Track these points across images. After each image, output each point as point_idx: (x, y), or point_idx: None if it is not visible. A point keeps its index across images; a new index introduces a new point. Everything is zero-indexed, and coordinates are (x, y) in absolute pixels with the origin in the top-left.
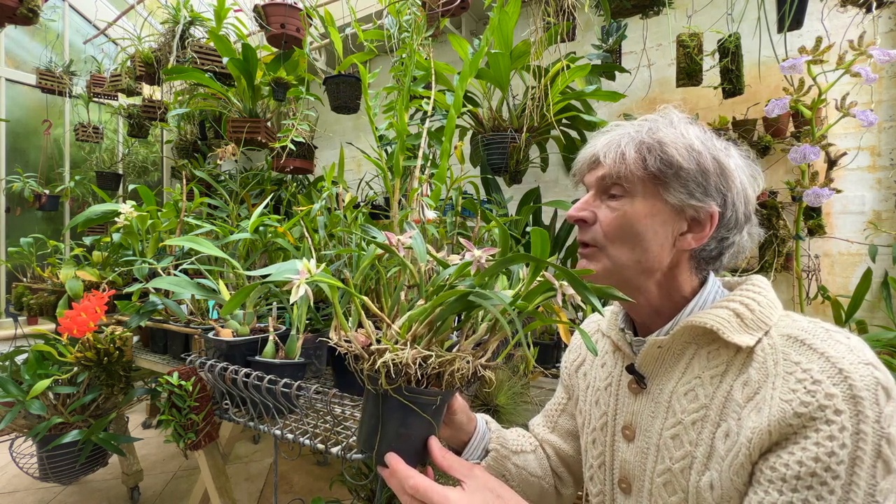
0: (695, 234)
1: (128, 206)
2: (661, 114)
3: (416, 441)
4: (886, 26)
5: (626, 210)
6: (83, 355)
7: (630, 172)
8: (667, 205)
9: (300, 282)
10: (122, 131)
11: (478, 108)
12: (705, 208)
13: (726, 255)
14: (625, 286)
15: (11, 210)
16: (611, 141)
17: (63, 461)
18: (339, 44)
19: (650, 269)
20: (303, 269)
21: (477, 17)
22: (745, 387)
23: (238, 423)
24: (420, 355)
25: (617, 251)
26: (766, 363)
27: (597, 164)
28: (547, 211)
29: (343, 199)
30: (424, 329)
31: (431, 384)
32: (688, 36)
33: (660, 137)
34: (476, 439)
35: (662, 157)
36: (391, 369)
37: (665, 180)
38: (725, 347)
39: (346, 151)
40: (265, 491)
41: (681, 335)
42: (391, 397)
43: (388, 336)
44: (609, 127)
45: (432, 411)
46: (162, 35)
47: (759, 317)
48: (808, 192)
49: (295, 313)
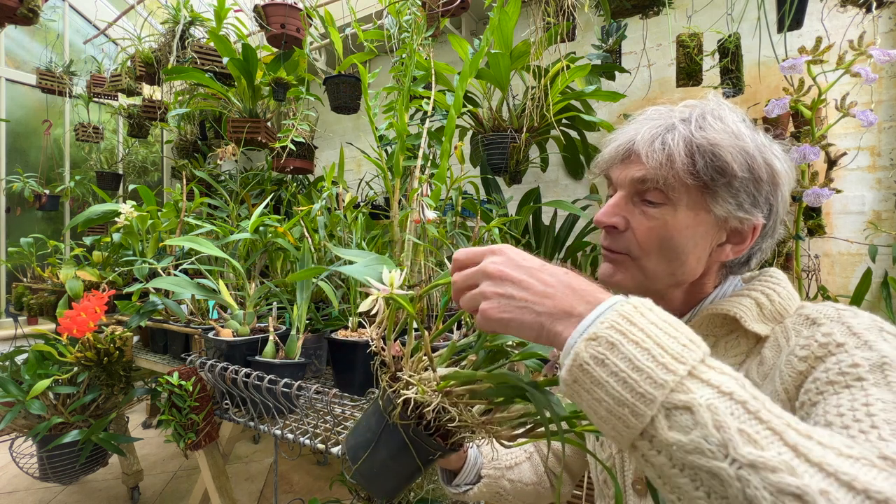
0: (734, 245)
1: (128, 206)
2: (703, 101)
3: (398, 476)
4: (886, 26)
5: (666, 221)
6: (83, 355)
7: (677, 178)
8: (711, 215)
9: (378, 295)
10: (122, 131)
11: (478, 108)
12: (751, 220)
13: (754, 260)
14: (649, 294)
15: (11, 210)
16: (654, 134)
17: (63, 461)
18: (339, 44)
19: (682, 281)
20: (388, 281)
21: (477, 17)
22: (760, 366)
23: (238, 423)
24: (443, 405)
25: (652, 264)
26: (779, 341)
27: (632, 159)
28: (547, 211)
29: (343, 199)
30: (462, 390)
31: (439, 435)
32: (688, 36)
33: (712, 137)
34: (469, 466)
35: (715, 164)
36: (410, 404)
37: (714, 189)
38: (745, 337)
39: (346, 151)
40: (265, 491)
41: (700, 326)
42: (396, 428)
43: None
44: (646, 114)
45: (427, 459)
46: (162, 35)
47: (779, 308)
48: (807, 192)
49: (295, 313)
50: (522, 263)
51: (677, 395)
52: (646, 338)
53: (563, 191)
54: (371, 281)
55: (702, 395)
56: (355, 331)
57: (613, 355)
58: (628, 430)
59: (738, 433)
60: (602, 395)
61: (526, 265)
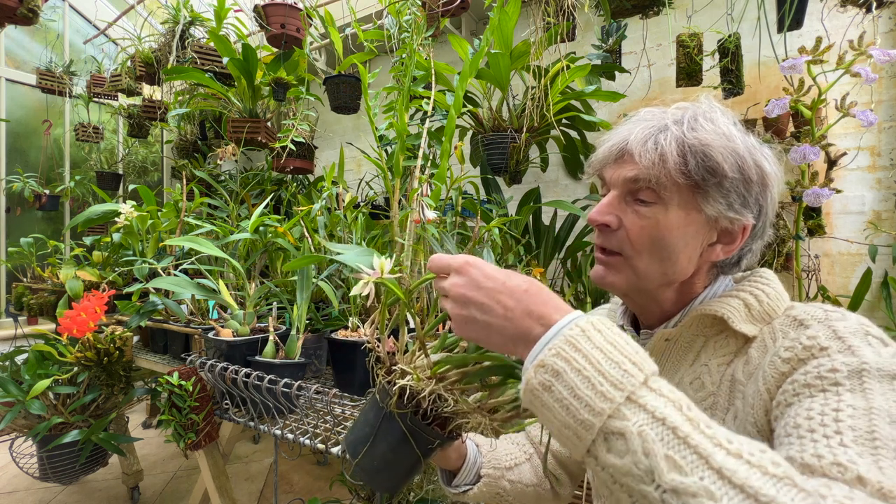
0: (724, 245)
1: (128, 206)
2: (695, 103)
3: (399, 469)
4: (886, 26)
5: (658, 219)
6: (83, 355)
7: (668, 177)
8: (701, 215)
9: (369, 279)
10: (122, 131)
11: (478, 108)
12: (741, 221)
13: (745, 261)
14: (641, 294)
15: (11, 210)
16: (647, 135)
17: (63, 461)
18: (339, 44)
19: (673, 281)
20: (378, 267)
21: (477, 17)
22: (745, 366)
23: (238, 423)
24: (438, 393)
25: (643, 263)
26: (766, 341)
27: (625, 159)
28: (547, 211)
29: (343, 199)
30: (455, 375)
31: (437, 424)
32: (688, 36)
33: (703, 138)
34: (468, 465)
35: (706, 164)
36: (406, 393)
37: (705, 189)
38: (734, 337)
39: (346, 151)
40: (265, 491)
41: (689, 326)
42: (394, 418)
43: (416, 361)
44: (639, 115)
45: (426, 449)
46: (162, 35)
47: (767, 308)
48: (807, 192)
49: (295, 313)
50: (484, 284)
51: (614, 422)
52: (588, 365)
53: (563, 191)
54: (362, 266)
55: (635, 421)
56: (355, 331)
57: (559, 382)
58: (576, 447)
59: (665, 459)
60: (551, 416)
61: (487, 286)
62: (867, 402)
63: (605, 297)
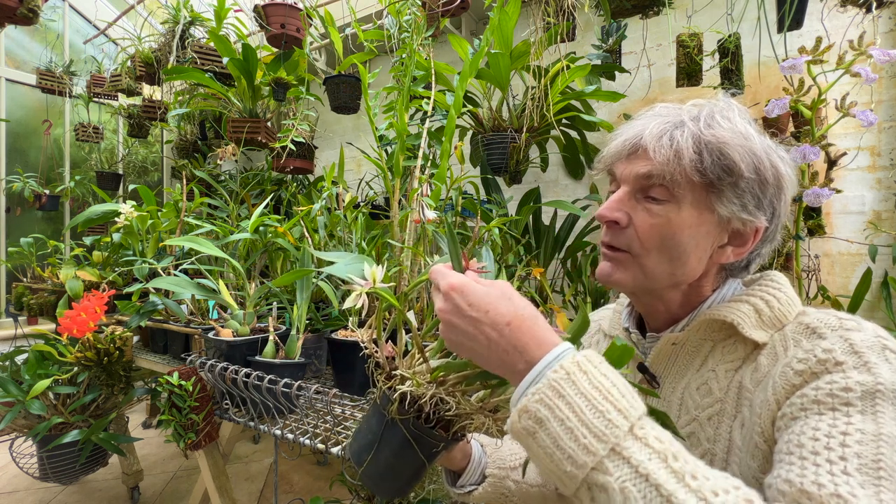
0: (735, 247)
1: (128, 206)
2: (711, 100)
3: (404, 475)
4: (886, 26)
5: (669, 218)
6: (83, 355)
7: (683, 175)
8: (714, 215)
9: (362, 290)
10: (122, 131)
11: (478, 108)
12: (754, 223)
13: (754, 264)
14: (647, 294)
15: (11, 210)
16: (662, 130)
17: (63, 461)
18: (339, 44)
19: (681, 282)
20: (370, 276)
21: (477, 17)
22: (754, 373)
23: (238, 423)
24: (440, 396)
25: (652, 262)
26: (776, 349)
27: (639, 154)
28: (547, 211)
29: (343, 199)
30: (456, 378)
31: (440, 427)
32: (688, 36)
33: (720, 135)
34: (473, 465)
35: (723, 162)
36: (407, 398)
37: (720, 188)
38: (743, 343)
39: (346, 151)
40: (265, 491)
41: (697, 330)
42: (396, 425)
43: (416, 366)
44: (653, 110)
45: (430, 453)
46: (162, 35)
47: (778, 314)
48: (807, 192)
49: (295, 313)
50: (467, 313)
51: (597, 475)
52: (571, 415)
53: (563, 191)
54: (353, 278)
55: (618, 476)
56: (355, 331)
57: (542, 430)
58: (564, 490)
59: None
60: (536, 460)
61: (470, 315)
62: (877, 426)
63: (605, 298)
